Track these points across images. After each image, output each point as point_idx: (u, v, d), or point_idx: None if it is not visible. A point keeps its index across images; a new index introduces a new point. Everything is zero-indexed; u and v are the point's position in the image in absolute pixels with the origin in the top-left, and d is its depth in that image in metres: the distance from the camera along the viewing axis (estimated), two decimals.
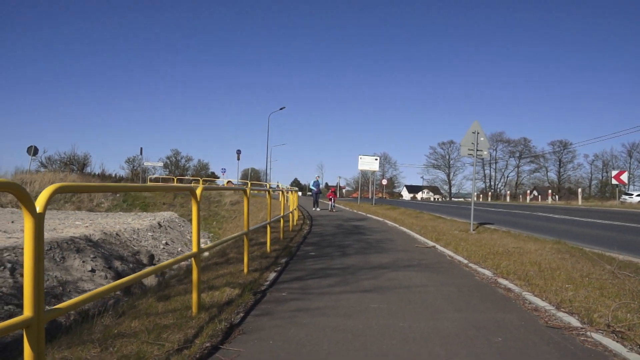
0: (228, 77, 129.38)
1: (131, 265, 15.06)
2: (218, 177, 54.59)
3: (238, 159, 42.45)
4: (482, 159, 14.49)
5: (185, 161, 78.27)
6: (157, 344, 3.60)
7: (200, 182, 43.42)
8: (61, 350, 3.54)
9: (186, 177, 57.63)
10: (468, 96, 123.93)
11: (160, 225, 22.50)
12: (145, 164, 50.15)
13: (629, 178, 47.91)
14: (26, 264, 2.21)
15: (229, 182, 45.35)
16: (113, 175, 47.46)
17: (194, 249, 4.53)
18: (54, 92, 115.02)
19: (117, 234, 17.37)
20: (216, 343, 3.79)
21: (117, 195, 34.91)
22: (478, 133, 13.73)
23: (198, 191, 4.54)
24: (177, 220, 26.64)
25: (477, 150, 13.75)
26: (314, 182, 28.11)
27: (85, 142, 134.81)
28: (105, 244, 15.18)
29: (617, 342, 3.83)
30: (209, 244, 6.14)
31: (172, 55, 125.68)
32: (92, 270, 13.00)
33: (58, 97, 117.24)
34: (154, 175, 50.85)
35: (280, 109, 48.57)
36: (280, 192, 14.06)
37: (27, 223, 2.19)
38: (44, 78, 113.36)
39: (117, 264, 14.40)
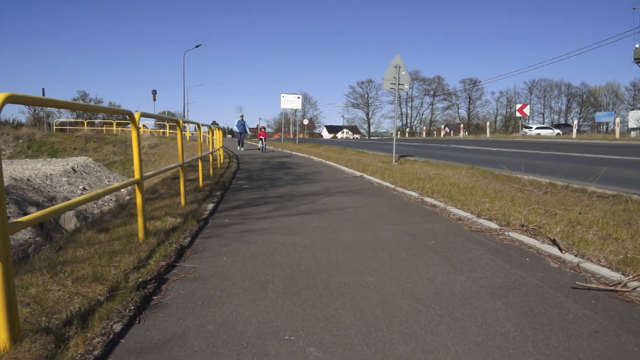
0: (140, 12, 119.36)
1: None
2: (129, 123, 51.62)
3: (154, 99, 40.34)
4: (403, 93, 15.00)
5: (95, 104, 72.86)
6: (112, 266, 3.61)
7: (114, 124, 40.91)
8: None
9: (97, 121, 53.80)
10: (386, 35, 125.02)
11: (74, 170, 21.26)
12: (48, 107, 46.01)
13: (530, 110, 51.87)
14: None
15: (143, 125, 43.21)
16: (12, 120, 43.20)
17: (137, 176, 4.47)
18: None
19: (28, 180, 16.23)
20: (171, 262, 3.88)
21: (20, 140, 32.21)
22: (400, 67, 14.13)
23: (137, 116, 4.42)
24: (92, 165, 25.18)
25: (399, 84, 14.21)
26: (239, 121, 26.18)
27: None
28: (17, 190, 14.18)
29: (531, 237, 4.43)
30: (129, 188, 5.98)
31: None
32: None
33: None
34: (60, 119, 47.05)
35: (196, 46, 46.36)
36: (207, 128, 13.74)
37: None
38: None
39: (32, 210, 13.58)
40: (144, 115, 4.79)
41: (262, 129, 25.66)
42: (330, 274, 3.53)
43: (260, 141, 24.48)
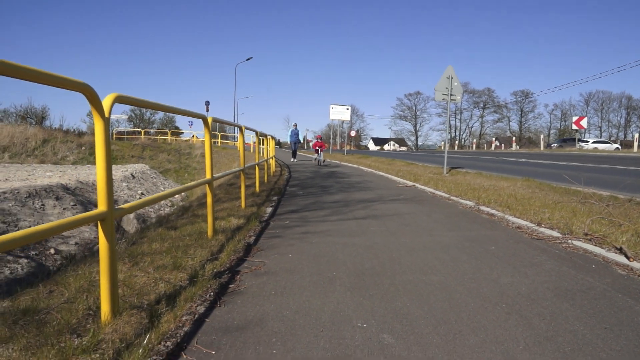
0: (194, 27, 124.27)
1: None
2: (183, 132, 53.38)
3: (207, 110, 41.66)
4: (453, 105, 14.83)
5: (151, 114, 76.05)
6: (188, 257, 3.88)
7: (169, 134, 42.61)
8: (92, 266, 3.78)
9: (152, 131, 56.20)
10: (434, 47, 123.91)
11: (133, 177, 22.35)
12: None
13: (587, 124, 49.85)
14: (98, 167, 2.42)
15: (194, 136, 44.74)
16: (73, 129, 45.80)
17: (208, 176, 4.77)
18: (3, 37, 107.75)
19: (93, 184, 17.25)
20: (240, 257, 4.12)
21: (83, 148, 34.11)
22: (452, 78, 14.09)
23: (209, 120, 4.73)
24: (148, 172, 26.36)
25: (451, 94, 14.15)
26: (292, 130, 24.27)
27: (41, 95, 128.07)
28: (83, 193, 15.09)
29: (596, 246, 4.36)
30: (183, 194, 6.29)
31: (137, 3, 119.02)
32: None
33: (7, 45, 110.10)
34: (118, 128, 49.44)
35: (247, 59, 47.54)
36: (258, 136, 14.15)
37: (98, 125, 2.38)
38: None
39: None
40: (215, 120, 5.09)
41: (319, 139, 21.16)
42: (395, 272, 3.64)
43: (317, 153, 20.55)
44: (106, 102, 2.44)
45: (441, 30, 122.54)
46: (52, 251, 9.97)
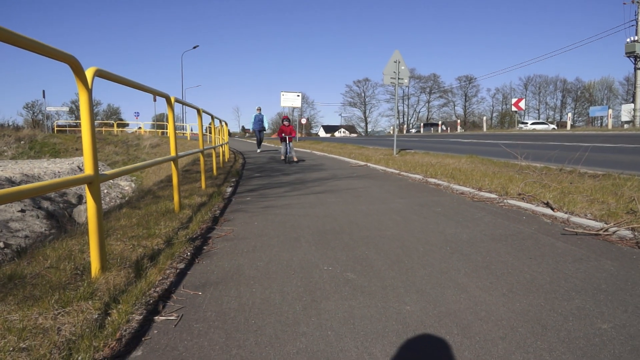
0: (139, 14, 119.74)
1: (61, 205, 14.81)
2: (128, 124, 51.79)
3: (154, 100, 40.72)
4: (400, 90, 15.43)
5: (94, 106, 73.02)
6: (159, 227, 4.11)
7: (115, 126, 41.34)
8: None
9: (97, 122, 54.10)
10: (381, 34, 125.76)
11: (80, 169, 21.76)
12: (47, 109, 46.43)
13: (525, 106, 52.45)
14: (84, 135, 2.64)
15: (141, 127, 43.66)
16: (9, 123, 43.52)
17: (172, 153, 4.98)
18: None
19: (38, 177, 16.74)
20: (209, 226, 4.39)
21: (22, 142, 32.62)
22: (399, 62, 14.66)
23: (172, 99, 4.93)
24: None
25: (399, 78, 14.74)
26: (256, 116, 19.67)
27: None
28: None
29: (527, 203, 4.95)
30: (133, 185, 6.43)
31: None
32: (22, 211, 12.72)
33: None
34: (59, 121, 47.42)
35: (194, 47, 46.69)
36: (218, 122, 14.21)
37: (82, 96, 2.60)
38: None
39: (46, 204, 14.10)
40: (177, 100, 5.27)
41: (286, 121, 13.87)
42: (353, 230, 4.04)
43: (283, 143, 13.37)
44: (89, 74, 2.65)
45: (387, 16, 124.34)
46: (2, 244, 9.78)
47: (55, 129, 41.49)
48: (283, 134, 13.31)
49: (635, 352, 1.84)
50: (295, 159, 13.32)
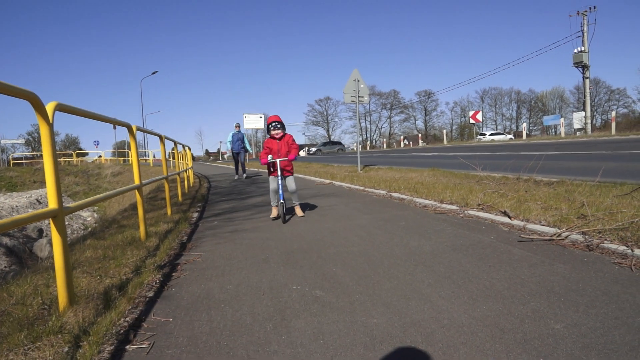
0: (95, 41, 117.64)
1: (21, 239, 14.30)
2: (87, 153, 50.63)
3: (114, 128, 39.97)
4: (361, 107, 15.75)
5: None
6: (127, 256, 4.08)
7: (74, 155, 40.27)
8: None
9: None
10: (340, 53, 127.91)
11: (39, 202, 21.09)
12: (2, 142, 44.90)
13: (483, 118, 54.22)
14: (47, 168, 2.65)
15: (101, 156, 42.78)
16: None
17: (137, 182, 4.96)
18: None
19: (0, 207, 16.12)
20: (177, 252, 4.39)
21: None
22: (358, 81, 15.01)
23: (134, 128, 4.94)
24: None
25: (359, 96, 15.07)
26: (233, 135, 16.31)
27: None
28: None
29: (486, 212, 5.17)
30: (96, 215, 6.33)
31: (36, 16, 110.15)
32: None
33: None
34: (15, 153, 45.91)
35: (153, 73, 46.28)
36: (181, 148, 14.11)
37: (43, 130, 2.62)
38: None
39: (4, 240, 13.58)
40: (139, 129, 5.27)
41: (276, 130, 6.40)
42: (320, 248, 4.13)
43: (273, 179, 6.53)
44: (49, 109, 2.67)
45: (345, 35, 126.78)
46: None
47: (11, 162, 40.09)
48: (271, 159, 6.47)
49: (586, 349, 1.98)
50: (302, 214, 6.39)
